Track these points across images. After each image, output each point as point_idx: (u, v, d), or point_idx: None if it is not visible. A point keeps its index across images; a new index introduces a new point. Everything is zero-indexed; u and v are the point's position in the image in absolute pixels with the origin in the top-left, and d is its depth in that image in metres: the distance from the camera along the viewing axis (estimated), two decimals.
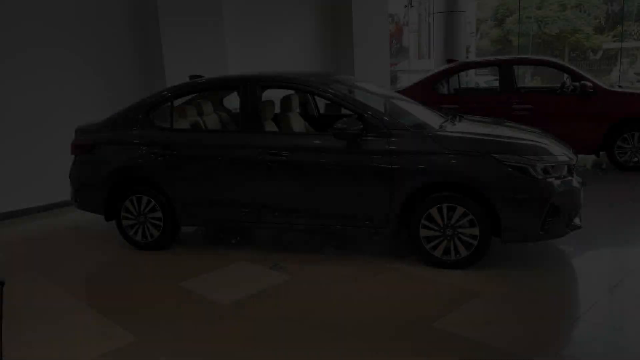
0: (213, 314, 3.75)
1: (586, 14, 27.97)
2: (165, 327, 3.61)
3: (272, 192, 4.62)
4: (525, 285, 3.95)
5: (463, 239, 4.20)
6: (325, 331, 3.42)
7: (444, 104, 7.80)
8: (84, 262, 4.96)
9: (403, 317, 3.55)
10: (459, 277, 4.13)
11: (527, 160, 4.07)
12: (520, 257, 4.48)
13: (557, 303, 3.64)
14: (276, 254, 4.85)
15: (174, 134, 4.93)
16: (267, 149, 4.56)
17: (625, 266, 4.17)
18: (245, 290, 4.10)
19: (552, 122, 7.39)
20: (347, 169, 4.39)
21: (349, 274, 4.32)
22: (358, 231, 4.55)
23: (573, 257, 4.46)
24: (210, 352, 3.25)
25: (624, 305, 3.56)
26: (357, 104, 4.49)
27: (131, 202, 5.03)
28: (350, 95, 4.60)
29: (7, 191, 6.52)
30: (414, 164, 4.22)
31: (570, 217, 4.24)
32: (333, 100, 4.61)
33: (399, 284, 4.10)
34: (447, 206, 4.18)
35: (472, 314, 3.56)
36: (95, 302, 4.08)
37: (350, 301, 3.85)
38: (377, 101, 5.28)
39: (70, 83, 6.95)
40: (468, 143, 4.22)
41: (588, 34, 27.40)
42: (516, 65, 8.16)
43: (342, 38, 10.11)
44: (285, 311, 3.73)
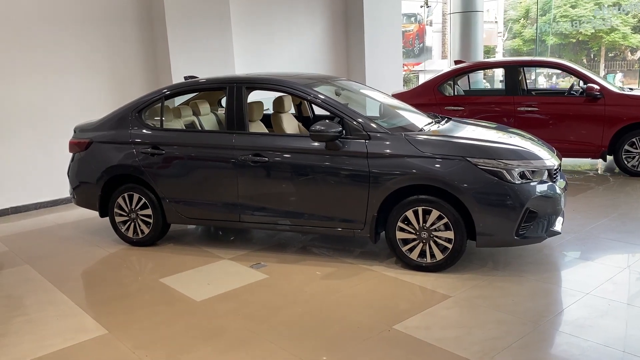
0: (183, 310, 3.86)
1: (623, 13, 27.16)
2: (136, 321, 3.74)
3: (254, 193, 4.71)
4: (497, 289, 3.93)
5: (438, 242, 4.20)
6: (283, 330, 3.49)
7: (449, 106, 7.79)
8: (77, 256, 5.14)
9: (365, 319, 3.59)
10: (432, 280, 4.14)
11: (503, 165, 4.05)
12: (500, 261, 4.45)
13: (523, 309, 3.61)
14: (261, 253, 4.93)
15: (162, 133, 5.07)
16: (249, 150, 4.65)
17: (603, 275, 4.09)
18: (220, 288, 4.20)
19: (557, 124, 7.30)
20: (326, 171, 4.43)
21: (325, 275, 4.37)
22: (337, 233, 4.59)
23: (555, 263, 4.40)
24: (170, 347, 3.35)
25: (590, 315, 3.51)
26: (337, 107, 4.53)
27: (123, 199, 5.19)
28: (332, 98, 4.63)
29: (16, 187, 6.81)
30: (390, 166, 4.24)
31: (548, 223, 4.19)
32: (314, 102, 4.67)
33: (371, 286, 4.13)
34: (423, 209, 4.19)
35: (435, 317, 3.57)
36: (76, 295, 4.23)
37: (318, 301, 3.90)
38: (362, 104, 5.33)
39: (77, 83, 7.19)
40: (443, 146, 4.22)
41: (625, 34, 26.60)
42: (522, 67, 8.03)
43: (353, 39, 10.14)
44: (251, 309, 3.81)
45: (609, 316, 3.46)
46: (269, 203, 4.69)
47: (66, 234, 5.91)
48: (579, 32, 26.96)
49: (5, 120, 6.68)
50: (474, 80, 10.96)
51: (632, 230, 5.06)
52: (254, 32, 8.92)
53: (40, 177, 6.94)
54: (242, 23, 8.66)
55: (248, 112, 4.98)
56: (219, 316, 3.74)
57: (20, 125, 6.80)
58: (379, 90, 5.74)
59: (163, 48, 7.61)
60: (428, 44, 17.45)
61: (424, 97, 8.00)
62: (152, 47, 7.78)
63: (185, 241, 5.41)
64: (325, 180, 4.46)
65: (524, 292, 3.89)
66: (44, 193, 7.00)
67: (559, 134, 7.27)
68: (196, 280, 4.42)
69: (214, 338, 3.44)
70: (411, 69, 17.50)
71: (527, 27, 28.81)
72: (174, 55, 7.54)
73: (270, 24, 9.13)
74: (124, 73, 7.56)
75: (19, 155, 6.83)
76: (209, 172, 4.84)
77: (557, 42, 25.75)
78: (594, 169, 7.86)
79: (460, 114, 7.67)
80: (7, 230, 6.25)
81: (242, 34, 8.69)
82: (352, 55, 10.23)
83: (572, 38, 27.05)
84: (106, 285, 4.42)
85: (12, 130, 6.75)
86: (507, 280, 4.10)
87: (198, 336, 3.48)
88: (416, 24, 17.96)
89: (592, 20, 26.78)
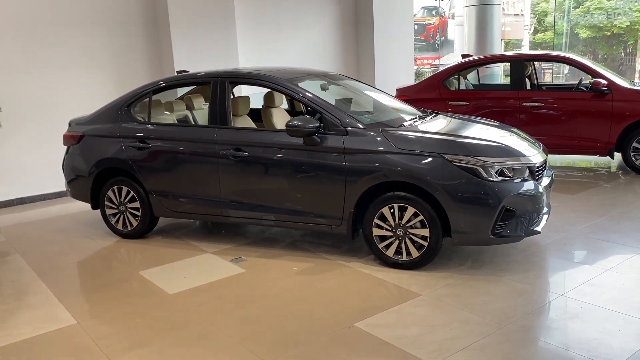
0: (153, 303, 3.91)
1: None
2: (106, 312, 3.80)
3: (235, 188, 4.73)
4: (470, 289, 3.85)
5: (414, 239, 4.15)
6: (246, 325, 3.50)
7: (453, 101, 7.68)
8: (67, 247, 5.26)
9: (329, 315, 3.57)
10: (407, 278, 4.09)
11: (479, 162, 3.96)
12: (480, 259, 4.36)
13: (491, 309, 3.53)
14: (245, 247, 4.95)
15: (149, 127, 5.12)
16: (230, 145, 4.67)
17: (583, 276, 3.97)
18: (195, 282, 4.23)
19: (562, 121, 7.12)
20: (304, 166, 4.42)
21: (301, 270, 4.37)
22: (316, 229, 4.58)
23: (535, 263, 4.28)
24: (131, 339, 3.40)
25: (558, 317, 3.41)
26: (316, 102, 4.50)
27: (113, 192, 5.28)
28: (312, 93, 4.59)
29: (22, 179, 7.00)
30: (365, 162, 4.20)
31: (527, 222, 4.08)
32: (293, 97, 4.66)
33: (344, 282, 4.10)
34: (399, 206, 4.14)
35: (401, 315, 3.52)
36: (56, 285, 4.32)
37: (287, 296, 3.90)
38: (351, 99, 5.28)
39: (83, 78, 7.33)
40: (418, 142, 4.15)
41: None
42: (529, 62, 7.84)
43: (363, 33, 10.06)
44: (219, 303, 3.83)
45: (578, 319, 3.36)
46: (250, 198, 4.70)
47: (63, 225, 6.04)
48: (613, 24, 26.12)
49: (13, 115, 6.86)
50: (488, 74, 10.76)
51: (625, 230, 4.89)
52: (260, 26, 8.93)
53: (46, 170, 7.09)
54: (247, 17, 8.67)
55: (232, 106, 5.00)
56: (187, 309, 3.77)
57: (27, 120, 6.98)
58: (371, 86, 5.68)
59: (166, 43, 7.68)
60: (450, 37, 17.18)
61: (428, 92, 7.89)
62: (156, 42, 7.86)
63: (174, 234, 5.47)
64: (304, 175, 4.44)
65: (497, 292, 3.80)
66: (48, 185, 7.17)
67: (565, 131, 7.08)
68: (174, 273, 4.47)
69: (176, 331, 3.47)
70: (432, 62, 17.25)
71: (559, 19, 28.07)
72: (177, 51, 7.60)
73: (276, 17, 9.12)
74: (129, 68, 7.67)
75: (26, 148, 7.01)
76: (193, 166, 4.87)
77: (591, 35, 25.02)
78: (605, 167, 7.62)
79: (465, 110, 7.55)
80: (9, 220, 6.44)
81: (247, 28, 8.70)
82: (361, 49, 10.15)
83: (607, 31, 26.21)
84: (87, 277, 4.51)
85: (19, 124, 6.93)
86: (482, 279, 4.02)
87: (161, 328, 3.52)
88: (437, 17, 17.70)
89: (628, 12, 25.89)
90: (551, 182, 4.52)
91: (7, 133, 6.83)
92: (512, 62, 7.56)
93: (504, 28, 19.44)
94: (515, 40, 22.13)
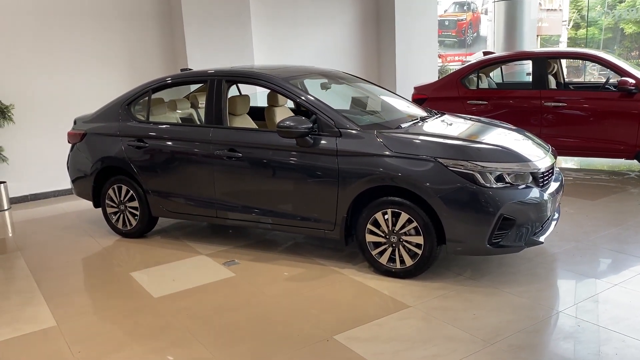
0: (136, 306, 3.84)
1: None
2: (87, 314, 3.75)
3: (229, 189, 4.62)
4: (463, 302, 3.64)
5: (408, 247, 3.95)
6: (223, 333, 3.38)
7: (472, 100, 7.39)
8: (67, 245, 5.26)
9: (310, 325, 3.42)
10: (399, 287, 3.90)
11: (475, 167, 3.73)
12: (480, 270, 4.13)
13: (481, 325, 3.31)
14: (241, 250, 4.84)
15: (147, 126, 5.07)
16: (224, 145, 4.56)
17: (588, 291, 3.70)
18: (182, 285, 4.15)
19: (586, 121, 6.75)
20: (297, 168, 4.28)
21: (292, 276, 4.23)
22: (309, 233, 4.43)
23: (539, 275, 4.02)
24: (105, 344, 3.33)
25: (552, 336, 3.17)
26: (310, 102, 4.34)
27: (113, 190, 5.26)
28: (306, 93, 4.44)
29: (36, 175, 7.08)
30: (358, 165, 4.02)
31: (529, 231, 3.83)
32: (287, 96, 4.52)
33: (333, 290, 3.94)
34: (392, 212, 3.95)
35: (384, 328, 3.34)
36: (46, 284, 4.30)
37: (271, 304, 3.77)
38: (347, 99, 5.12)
39: (96, 74, 7.37)
40: (413, 145, 3.94)
41: None
42: (554, 59, 7.47)
43: (384, 29, 9.83)
44: (201, 309, 3.73)
45: (572, 339, 3.11)
46: (243, 200, 4.59)
47: (69, 222, 6.06)
48: None
49: (27, 111, 6.95)
50: (516, 72, 10.36)
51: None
52: (277, 22, 8.80)
53: (59, 166, 7.10)
54: (263, 13, 8.56)
55: (230, 106, 4.90)
56: (167, 314, 3.68)
57: (41, 116, 7.05)
58: (377, 85, 5.48)
59: (180, 39, 7.65)
60: (482, 33, 16.69)
61: (446, 91, 7.61)
62: (170, 38, 7.84)
63: (174, 234, 5.41)
64: (296, 177, 4.30)
65: (491, 305, 3.58)
66: (62, 181, 7.21)
67: (589, 132, 6.71)
68: (164, 275, 4.40)
69: (150, 337, 3.38)
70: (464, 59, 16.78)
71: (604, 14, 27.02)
72: (190, 47, 7.55)
73: (293, 14, 8.97)
74: (143, 64, 7.66)
75: (40, 144, 7.08)
76: (189, 166, 4.79)
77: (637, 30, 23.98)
78: (637, 170, 7.20)
79: (484, 109, 7.26)
80: (21, 216, 6.52)
81: (264, 25, 8.59)
82: (382, 47, 9.92)
83: None
84: (77, 276, 4.48)
85: (34, 121, 7.01)
86: (478, 291, 3.80)
87: (137, 334, 3.44)
88: (470, 13, 17.22)
89: None
90: (560, 187, 4.25)
91: (21, 129, 6.93)
92: (534, 59, 7.20)
93: (540, 24, 18.77)
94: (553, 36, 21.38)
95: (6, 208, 6.77)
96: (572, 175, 7.19)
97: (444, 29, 16.82)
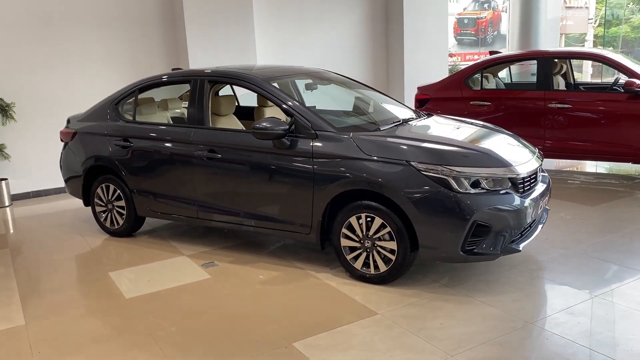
0: (106, 307, 3.84)
1: None
2: (57, 314, 3.77)
3: (209, 190, 4.60)
4: (433, 310, 3.53)
5: (382, 252, 3.86)
6: (183, 338, 3.35)
7: (475, 101, 7.23)
8: (56, 243, 5.31)
9: (273, 331, 3.36)
10: (371, 294, 3.81)
11: (450, 172, 3.61)
12: (458, 277, 4.01)
13: (445, 335, 3.20)
14: (223, 251, 4.81)
15: (132, 126, 5.08)
16: (204, 146, 4.54)
17: (565, 303, 3.56)
18: (156, 286, 4.14)
19: (591, 124, 6.53)
20: (274, 170, 4.22)
21: (267, 279, 4.18)
22: (285, 236, 4.37)
23: (518, 284, 3.87)
24: (66, 345, 3.33)
25: (516, 349, 3.05)
26: (288, 103, 4.28)
27: (101, 189, 5.29)
28: (283, 94, 4.38)
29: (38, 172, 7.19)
30: (332, 168, 3.95)
31: (506, 239, 3.70)
32: (268, 98, 4.46)
33: (304, 295, 3.88)
34: (366, 216, 3.87)
35: (345, 336, 3.27)
36: (25, 283, 4.34)
37: (238, 308, 3.73)
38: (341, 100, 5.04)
39: (99, 73, 7.43)
40: (387, 148, 3.85)
41: None
42: (563, 59, 7.24)
43: (393, 27, 9.69)
44: (169, 312, 3.71)
45: (536, 353, 2.99)
46: (224, 202, 4.55)
47: (63, 220, 6.13)
48: None
49: (32, 109, 7.06)
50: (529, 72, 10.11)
51: (635, 250, 4.38)
52: (281, 22, 8.74)
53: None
54: (267, 12, 8.52)
55: (215, 106, 4.87)
56: (134, 316, 3.67)
57: (45, 114, 7.14)
58: (365, 85, 5.38)
59: (183, 39, 7.66)
60: (503, 31, 16.33)
61: (449, 91, 7.46)
62: (173, 38, 7.87)
63: (161, 234, 5.41)
64: (273, 180, 4.25)
65: (461, 315, 3.46)
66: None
67: (594, 135, 6.48)
68: (141, 275, 4.40)
69: (111, 339, 3.38)
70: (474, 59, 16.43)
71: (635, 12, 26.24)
72: (192, 47, 7.56)
73: (299, 13, 8.91)
74: (146, 64, 7.70)
75: (43, 142, 7.17)
76: (171, 166, 4.78)
77: None
78: None
79: (486, 110, 7.09)
80: (20, 213, 6.62)
81: (268, 23, 8.54)
82: (391, 45, 9.79)
83: None
84: (57, 275, 4.51)
85: (37, 119, 7.11)
86: (450, 300, 3.68)
87: (100, 335, 3.43)
88: (490, 11, 16.88)
89: None
90: (546, 191, 4.10)
91: (24, 127, 7.03)
92: (539, 59, 6.99)
93: (564, 22, 18.28)
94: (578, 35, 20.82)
95: (7, 205, 6.89)
96: (580, 179, 6.98)
97: (463, 27, 16.52)
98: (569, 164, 7.74)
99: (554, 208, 5.46)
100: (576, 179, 7.11)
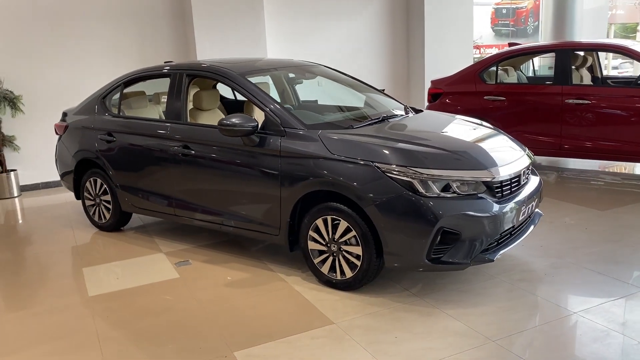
0: (66, 304, 3.80)
1: None
2: (17, 310, 3.77)
3: (184, 187, 4.49)
4: (392, 321, 3.30)
5: (348, 257, 3.65)
6: (127, 341, 3.26)
7: (489, 96, 6.85)
8: (45, 235, 5.35)
9: (219, 338, 3.22)
10: (335, 300, 3.62)
11: (415, 174, 3.36)
12: (432, 285, 3.75)
13: (397, 351, 2.97)
14: (201, 250, 4.70)
15: (116, 120, 5.02)
16: (179, 142, 4.43)
17: (538, 319, 3.26)
18: (122, 284, 4.08)
19: (609, 120, 6.06)
20: (243, 168, 4.07)
21: (233, 281, 4.04)
22: (255, 236, 4.22)
23: (493, 295, 3.58)
24: (13, 344, 3.30)
25: None
26: (259, 99, 4.11)
27: (90, 183, 5.28)
28: (256, 89, 4.20)
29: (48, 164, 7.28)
30: (298, 167, 3.76)
31: (477, 248, 3.42)
32: (240, 93, 4.30)
33: (266, 300, 3.71)
34: (332, 219, 3.66)
35: (292, 347, 3.08)
36: (6, 277, 4.37)
37: (194, 311, 3.60)
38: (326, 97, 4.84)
39: (107, 66, 7.45)
40: (353, 148, 3.62)
41: None
42: (589, 52, 6.76)
43: (414, 19, 9.34)
44: (124, 312, 3.63)
45: None
46: (198, 199, 4.44)
47: (61, 212, 6.17)
48: None
49: (39, 102, 7.17)
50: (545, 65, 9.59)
51: (635, 262, 3.99)
52: (296, 13, 8.54)
53: None
54: (279, 5, 8.35)
55: (197, 100, 4.77)
56: (89, 315, 3.61)
57: (54, 107, 7.19)
58: (355, 79, 5.11)
59: (192, 34, 7.60)
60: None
61: (463, 85, 7.09)
62: (182, 33, 7.81)
63: (147, 230, 5.35)
64: (243, 178, 4.10)
65: (420, 327, 3.22)
66: None
67: (611, 132, 6.00)
68: (112, 272, 4.35)
69: (58, 338, 3.33)
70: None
71: None
72: (200, 41, 7.49)
73: (314, 5, 8.68)
74: (155, 59, 7.66)
75: (51, 134, 7.21)
76: (150, 162, 4.69)
77: None
78: None
79: (501, 105, 6.71)
80: (27, 204, 6.75)
81: (281, 16, 8.37)
82: (411, 37, 9.45)
83: None
84: (33, 269, 4.52)
85: (46, 111, 7.19)
86: (414, 310, 3.44)
87: (48, 334, 3.39)
88: (531, 0, 16.13)
89: None
90: (534, 194, 3.79)
91: (33, 119, 7.14)
92: (557, 52, 6.54)
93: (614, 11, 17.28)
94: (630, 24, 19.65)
95: (16, 195, 7.03)
96: (605, 179, 6.52)
97: (501, 18, 15.86)
98: (598, 164, 7.16)
99: (559, 211, 5.11)
100: (601, 179, 6.64)
